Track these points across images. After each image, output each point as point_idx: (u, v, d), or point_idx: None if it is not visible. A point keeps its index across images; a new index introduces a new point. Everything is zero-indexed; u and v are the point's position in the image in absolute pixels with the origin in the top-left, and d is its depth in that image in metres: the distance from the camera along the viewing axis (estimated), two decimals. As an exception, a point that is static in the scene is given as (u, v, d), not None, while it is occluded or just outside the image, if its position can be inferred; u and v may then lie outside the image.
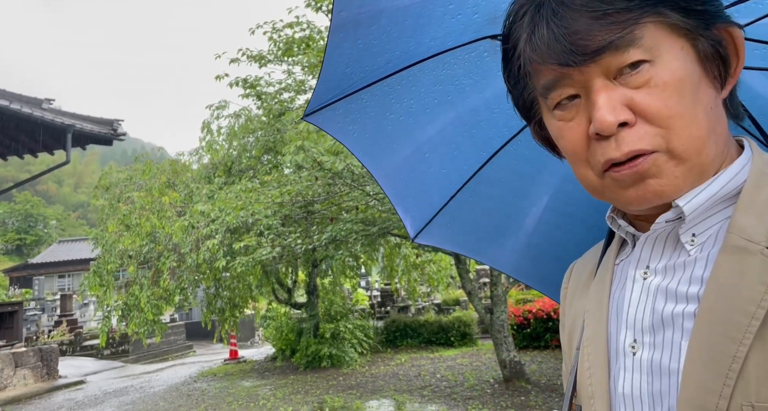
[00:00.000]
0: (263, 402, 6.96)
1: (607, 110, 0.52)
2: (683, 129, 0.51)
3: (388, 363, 9.38)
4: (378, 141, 1.08)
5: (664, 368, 0.52)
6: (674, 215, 0.55)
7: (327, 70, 0.92)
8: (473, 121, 1.06)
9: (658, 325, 0.54)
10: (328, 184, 6.38)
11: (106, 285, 7.96)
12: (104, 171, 9.78)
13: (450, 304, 13.36)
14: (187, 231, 6.93)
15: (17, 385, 8.91)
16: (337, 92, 0.98)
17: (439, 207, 1.17)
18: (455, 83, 1.01)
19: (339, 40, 0.88)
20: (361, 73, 0.95)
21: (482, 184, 1.14)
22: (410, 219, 1.19)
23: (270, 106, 8.34)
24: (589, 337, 0.62)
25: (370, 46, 0.91)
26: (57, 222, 56.92)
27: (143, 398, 7.94)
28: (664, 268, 0.56)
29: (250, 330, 15.87)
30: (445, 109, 1.04)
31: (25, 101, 9.23)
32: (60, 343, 12.91)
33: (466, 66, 0.98)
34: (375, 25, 0.89)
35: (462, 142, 1.09)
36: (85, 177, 75.24)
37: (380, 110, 1.03)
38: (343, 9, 0.84)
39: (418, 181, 1.15)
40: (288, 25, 7.22)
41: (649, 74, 0.52)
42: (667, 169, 0.52)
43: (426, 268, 10.36)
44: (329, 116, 1.02)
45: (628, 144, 0.52)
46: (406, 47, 0.93)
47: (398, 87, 0.99)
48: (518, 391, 6.44)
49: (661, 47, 0.52)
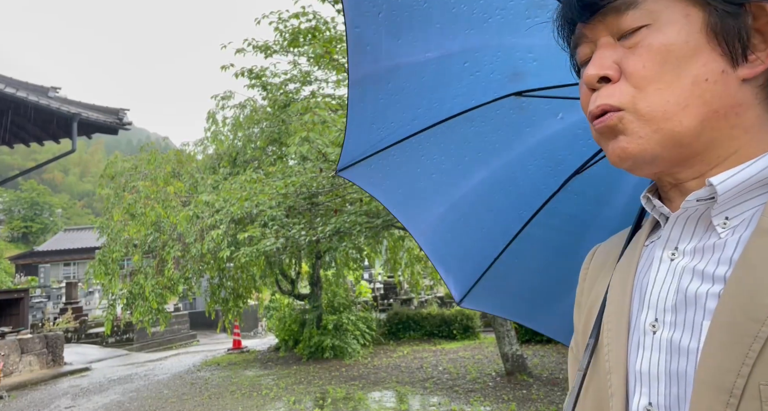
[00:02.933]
0: (266, 391, 7.00)
1: (594, 65, 0.56)
2: (654, 92, 0.53)
3: (390, 355, 9.42)
4: (411, 198, 1.08)
5: (683, 347, 0.51)
6: (706, 194, 0.54)
7: (352, 124, 0.94)
8: (508, 178, 1.04)
9: (680, 304, 0.53)
10: (332, 175, 6.37)
11: (111, 273, 8.01)
12: (110, 160, 9.79)
13: (453, 297, 13.38)
14: (191, 221, 6.95)
15: (23, 371, 9.01)
16: (367, 148, 0.99)
17: (482, 270, 1.13)
18: (485, 140, 1.00)
19: (359, 94, 0.89)
20: (387, 128, 0.96)
21: (526, 245, 1.10)
22: (453, 280, 1.16)
23: (275, 97, 8.31)
24: (610, 314, 0.62)
25: (393, 102, 0.92)
26: (63, 210, 57.22)
27: (147, 386, 8.02)
28: (693, 250, 0.55)
29: (253, 320, 15.96)
30: (478, 167, 1.03)
31: (32, 89, 9.24)
32: (65, 331, 13.04)
33: (494, 123, 0.98)
34: (393, 81, 0.90)
35: (499, 201, 1.07)
36: (91, 166, 75.53)
37: (411, 167, 1.03)
38: (359, 64, 0.85)
39: (456, 241, 1.12)
40: (294, 15, 7.17)
41: (642, 36, 0.54)
42: (632, 128, 0.54)
43: (429, 260, 10.35)
44: (362, 172, 1.03)
45: (602, 98, 0.55)
46: (430, 104, 0.94)
47: (427, 144, 0.99)
48: (520, 385, 6.46)
49: (663, 12, 0.54)
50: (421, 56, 0.87)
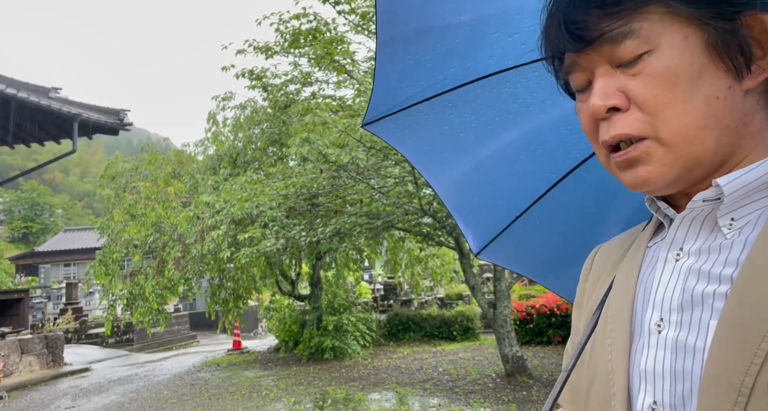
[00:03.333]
0: (266, 392, 7.00)
1: (599, 95, 0.55)
2: (671, 117, 0.53)
3: (390, 356, 9.42)
4: (437, 154, 1.08)
5: (689, 346, 0.52)
6: (713, 194, 0.55)
7: (380, 81, 0.94)
8: (538, 141, 1.03)
9: (687, 304, 0.53)
10: (332, 176, 6.37)
11: (112, 274, 8.02)
12: (110, 161, 9.80)
13: (453, 299, 13.38)
14: (192, 221, 6.96)
15: (23, 371, 9.01)
16: (395, 104, 0.99)
17: (503, 226, 1.14)
18: (518, 102, 0.99)
19: (387, 54, 0.89)
20: (417, 86, 0.96)
21: (550, 207, 1.10)
22: (471, 234, 1.17)
23: (276, 98, 8.32)
24: (613, 314, 0.62)
25: (423, 62, 0.92)
26: (63, 211, 57.24)
27: (147, 386, 8.01)
28: (698, 251, 0.56)
29: (253, 321, 15.96)
30: (507, 127, 1.02)
31: (33, 90, 9.26)
32: (65, 331, 13.04)
33: (529, 85, 0.97)
34: (424, 42, 0.89)
35: (527, 162, 1.06)
36: (91, 166, 75.56)
37: (439, 124, 1.03)
38: (387, 25, 0.85)
39: (479, 197, 1.13)
40: (295, 16, 7.18)
41: (645, 63, 0.54)
42: (656, 156, 0.54)
43: (429, 262, 10.36)
44: (388, 126, 1.03)
45: (617, 128, 0.55)
46: (462, 64, 0.93)
47: (457, 102, 0.99)
48: (520, 386, 6.46)
49: (661, 36, 0.53)
50: (454, 19, 0.86)
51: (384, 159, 6.06)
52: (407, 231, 7.69)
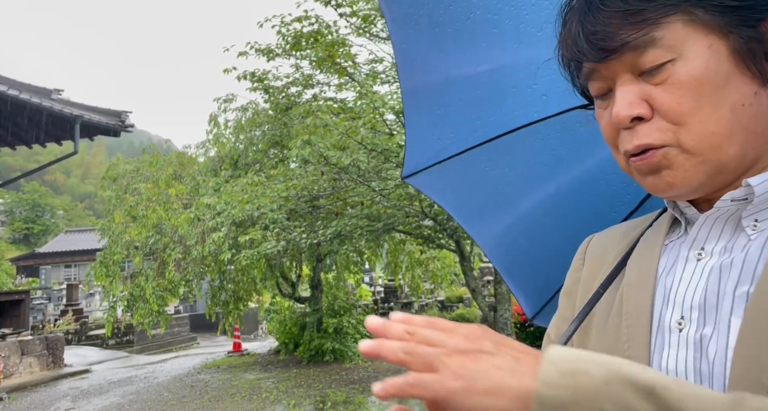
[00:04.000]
0: (266, 394, 6.99)
1: (622, 105, 0.55)
2: (696, 126, 0.52)
3: (390, 358, 9.40)
4: (476, 208, 1.07)
5: (713, 345, 0.51)
6: (742, 194, 0.54)
7: (412, 132, 0.94)
8: (578, 193, 1.00)
9: (710, 303, 0.53)
10: (333, 179, 6.38)
11: (112, 275, 8.02)
12: (111, 162, 9.81)
13: (453, 302, 13.37)
14: (192, 223, 6.97)
15: (23, 372, 9.00)
16: (430, 156, 0.98)
17: (556, 287, 1.08)
18: (551, 153, 0.97)
19: (414, 105, 0.90)
20: (448, 139, 0.96)
21: None
22: (523, 297, 1.12)
23: (277, 100, 8.33)
24: (629, 311, 0.61)
25: (450, 113, 0.92)
26: (64, 212, 57.29)
27: (147, 388, 8.01)
28: (722, 250, 0.55)
29: (253, 323, 15.95)
30: (544, 180, 1.00)
31: (35, 91, 9.28)
32: (66, 332, 13.03)
33: (560, 136, 0.96)
34: (447, 93, 0.90)
35: (569, 216, 1.03)
36: (93, 168, 75.67)
37: (475, 178, 1.02)
38: (409, 77, 0.86)
39: (524, 255, 1.10)
40: (297, 19, 7.20)
41: (669, 72, 0.53)
42: (677, 162, 0.54)
43: (430, 264, 10.35)
44: (427, 180, 1.03)
45: (640, 137, 0.55)
46: (488, 117, 0.93)
47: (491, 155, 0.98)
48: (520, 389, 6.44)
49: (685, 45, 0.53)
50: (471, 69, 0.87)
51: (385, 161, 6.06)
52: (408, 233, 7.69)
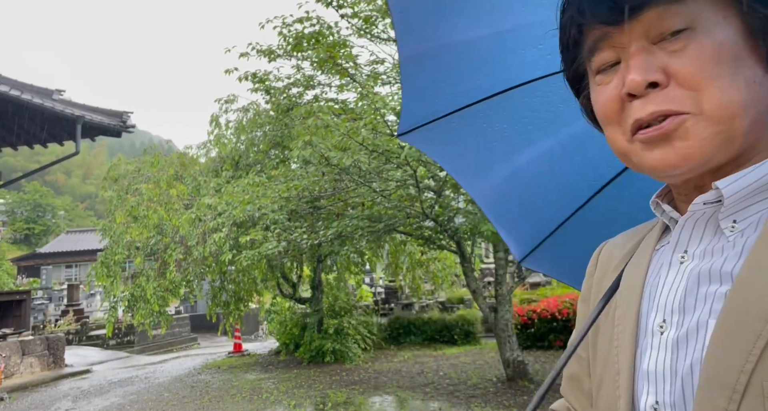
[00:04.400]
0: (266, 395, 6.99)
1: (638, 70, 0.53)
2: (716, 92, 0.51)
3: (391, 360, 9.40)
4: (472, 163, 1.09)
5: (689, 347, 0.52)
6: (713, 197, 0.54)
7: (408, 93, 0.94)
8: (576, 149, 1.02)
9: (689, 305, 0.54)
10: (334, 179, 6.38)
11: (113, 276, 8.03)
12: (113, 162, 9.83)
13: (454, 303, 13.36)
14: (193, 224, 6.97)
15: (24, 372, 9.01)
16: (427, 114, 0.99)
17: (545, 234, 1.12)
18: (551, 110, 0.98)
19: (411, 70, 0.90)
20: (446, 97, 0.96)
21: (595, 215, 1.07)
22: (513, 241, 1.16)
23: (278, 101, 8.34)
24: (619, 317, 0.63)
25: (449, 74, 0.92)
26: (65, 212, 57.34)
27: (148, 388, 8.01)
28: (702, 253, 0.56)
29: (254, 324, 15.95)
30: (543, 135, 1.02)
31: (36, 91, 9.30)
32: (66, 333, 13.04)
33: (561, 94, 0.96)
34: (446, 57, 0.90)
35: (566, 170, 1.05)
36: (94, 168, 75.71)
37: (473, 134, 1.03)
38: (407, 42, 0.86)
39: (519, 205, 1.12)
40: (298, 20, 7.21)
41: (688, 39, 0.52)
42: (695, 131, 0.51)
43: (431, 265, 10.35)
44: (423, 136, 1.04)
45: (656, 104, 0.53)
46: (490, 75, 0.93)
47: (489, 112, 0.99)
48: (521, 391, 6.44)
49: (703, 13, 0.52)
50: (474, 32, 0.86)
51: (386, 162, 6.07)
52: (409, 234, 7.69)
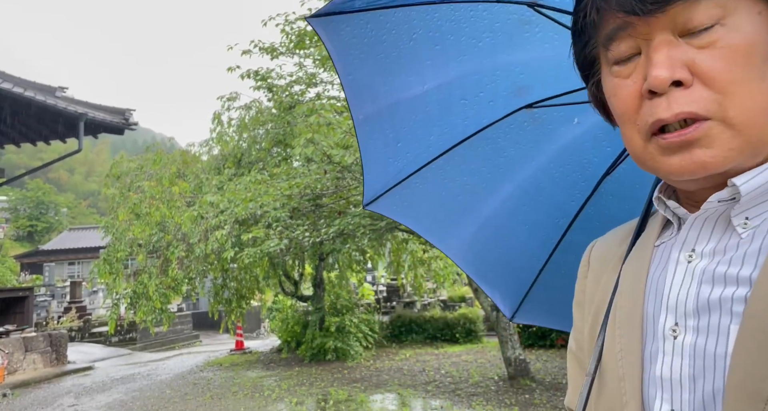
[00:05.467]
0: (268, 393, 7.01)
1: (663, 66, 0.49)
2: (743, 97, 0.48)
3: (392, 358, 9.41)
4: (441, 221, 1.09)
5: (710, 353, 0.49)
6: (729, 195, 0.52)
7: (367, 160, 0.97)
8: (536, 189, 1.04)
9: (703, 309, 0.51)
10: (336, 177, 6.37)
11: (116, 273, 8.04)
12: (115, 160, 9.84)
13: (456, 301, 13.35)
14: (196, 221, 6.97)
15: (27, 369, 9.04)
16: (388, 180, 1.01)
17: (529, 283, 1.12)
18: (504, 156, 1.01)
19: (367, 133, 0.92)
20: (404, 159, 0.98)
21: (570, 252, 1.07)
22: (499, 296, 1.15)
23: (281, 99, 8.33)
24: (621, 318, 0.59)
25: (402, 134, 0.95)
26: (68, 210, 57.48)
27: (150, 385, 8.03)
28: (712, 252, 0.53)
29: (256, 321, 15.97)
30: (501, 182, 1.03)
31: (39, 89, 9.31)
32: (69, 329, 13.09)
33: (510, 138, 0.99)
34: (397, 116, 0.92)
35: (531, 212, 1.06)
36: (96, 166, 75.86)
37: (436, 191, 1.05)
38: (359, 107, 0.88)
39: (494, 256, 1.12)
40: (300, 17, 7.20)
41: (718, 35, 0.48)
42: (720, 140, 0.48)
43: (432, 264, 10.34)
44: (387, 203, 1.05)
45: (681, 105, 0.49)
46: (441, 130, 0.96)
47: (447, 167, 1.01)
48: (523, 389, 6.43)
49: (737, 8, 0.49)
50: (418, 89, 0.89)
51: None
52: (411, 233, 7.68)
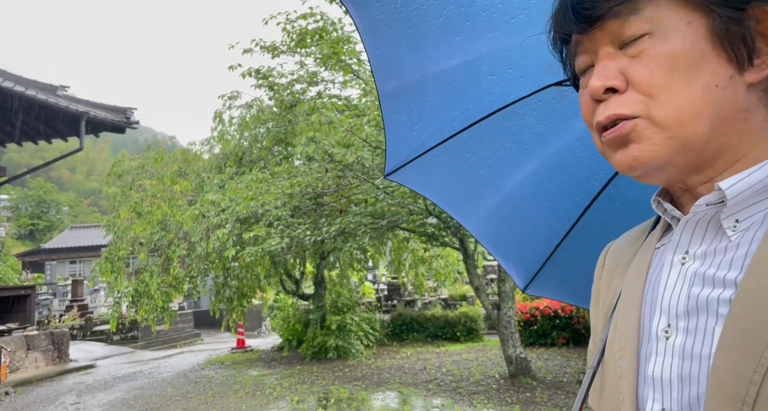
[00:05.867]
0: (269, 391, 7.02)
1: (597, 76, 0.55)
2: (667, 99, 0.52)
3: (393, 356, 9.42)
4: (461, 194, 1.11)
5: (696, 354, 0.51)
6: (716, 198, 0.54)
7: (391, 132, 0.97)
8: (560, 167, 1.05)
9: (692, 310, 0.53)
10: (338, 176, 6.38)
11: (117, 271, 8.05)
12: (116, 159, 9.85)
13: (457, 299, 13.36)
14: (197, 220, 6.98)
15: (29, 367, 9.07)
16: (411, 151, 1.02)
17: (544, 257, 1.14)
18: (530, 132, 1.02)
19: (391, 107, 0.92)
20: (427, 132, 0.99)
21: (587, 231, 1.09)
22: (514, 268, 1.17)
23: (282, 97, 8.33)
24: (621, 319, 0.62)
25: (427, 108, 0.95)
26: (69, 208, 57.57)
27: (152, 383, 8.05)
28: (704, 254, 0.55)
29: (257, 320, 16.00)
30: (526, 158, 1.05)
31: (40, 88, 9.32)
32: (71, 328, 13.11)
33: (537, 114, 0.99)
34: (423, 90, 0.92)
35: (553, 189, 1.07)
36: (98, 164, 75.93)
37: (457, 165, 1.06)
38: (384, 80, 0.88)
39: (513, 231, 1.14)
40: (302, 16, 7.20)
41: (645, 45, 0.54)
42: (647, 135, 0.53)
43: (433, 262, 10.36)
44: (410, 174, 1.06)
45: (612, 108, 0.55)
46: (467, 105, 0.96)
47: (470, 141, 1.02)
48: (524, 388, 6.44)
49: (666, 19, 0.53)
50: (446, 64, 0.89)
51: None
52: (412, 231, 7.69)
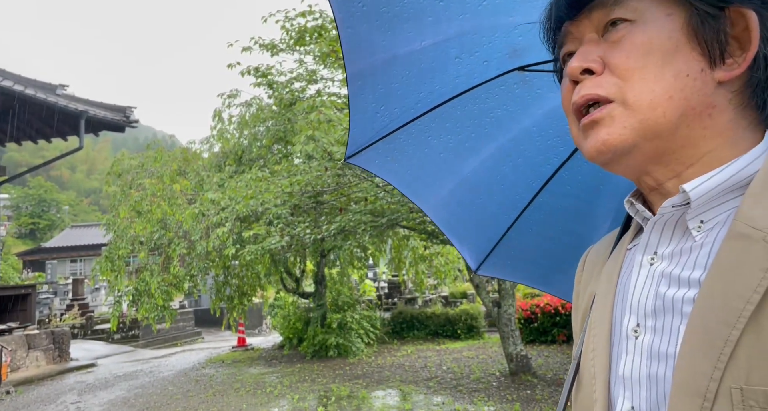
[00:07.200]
0: (270, 389, 7.03)
1: (577, 58, 0.58)
2: (640, 82, 0.54)
3: (394, 354, 9.43)
4: (420, 177, 1.12)
5: (662, 353, 0.52)
6: (680, 200, 0.55)
7: (355, 114, 0.97)
8: (516, 150, 1.08)
9: (659, 310, 0.54)
10: (337, 174, 6.37)
11: (118, 270, 8.06)
12: (116, 157, 9.85)
13: (457, 297, 13.37)
14: (197, 219, 6.98)
15: (30, 366, 9.08)
16: (372, 134, 1.02)
17: (497, 239, 1.17)
18: (490, 116, 1.04)
19: (358, 87, 0.92)
20: (391, 114, 1.00)
21: (539, 213, 1.13)
22: (467, 250, 1.20)
23: (281, 96, 8.33)
24: (595, 319, 0.63)
25: (393, 90, 0.96)
26: (69, 207, 57.60)
27: (152, 382, 8.06)
28: (671, 254, 0.56)
29: (258, 318, 16.01)
30: (485, 142, 1.07)
31: (40, 87, 9.31)
32: (72, 327, 13.13)
33: (498, 99, 1.01)
34: (391, 71, 0.93)
35: (508, 173, 1.11)
36: (98, 163, 75.95)
37: (418, 147, 1.07)
38: (354, 61, 0.89)
39: (468, 213, 1.16)
40: (301, 14, 7.19)
41: (624, 31, 0.56)
42: (619, 119, 0.55)
43: (434, 260, 10.35)
44: (370, 157, 1.07)
45: (587, 88, 0.57)
46: (431, 87, 0.97)
47: (432, 124, 1.03)
48: (524, 385, 6.45)
49: (647, 10, 0.56)
50: (416, 45, 0.89)
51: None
52: (412, 229, 7.68)
